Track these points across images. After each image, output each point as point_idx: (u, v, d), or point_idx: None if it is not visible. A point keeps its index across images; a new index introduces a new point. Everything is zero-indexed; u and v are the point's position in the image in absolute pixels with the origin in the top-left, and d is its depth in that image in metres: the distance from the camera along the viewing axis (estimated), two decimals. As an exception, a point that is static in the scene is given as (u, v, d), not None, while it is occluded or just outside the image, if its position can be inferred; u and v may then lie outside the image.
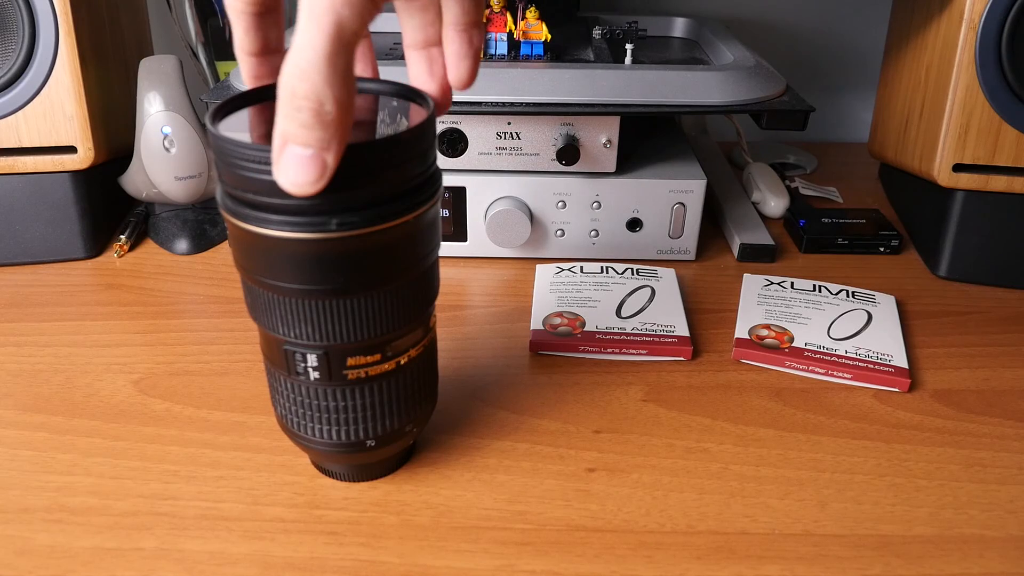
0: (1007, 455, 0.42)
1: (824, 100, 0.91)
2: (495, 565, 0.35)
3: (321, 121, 0.26)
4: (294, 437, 0.37)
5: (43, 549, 0.35)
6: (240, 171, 0.29)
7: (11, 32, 0.55)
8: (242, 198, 0.30)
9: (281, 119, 0.27)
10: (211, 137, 0.30)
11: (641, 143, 0.64)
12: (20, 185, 0.59)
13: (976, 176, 0.57)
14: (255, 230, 0.30)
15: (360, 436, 0.36)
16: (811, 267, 0.61)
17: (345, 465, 0.39)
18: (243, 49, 0.33)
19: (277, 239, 0.30)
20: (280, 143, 0.27)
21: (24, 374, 0.48)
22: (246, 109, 0.33)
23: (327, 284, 0.31)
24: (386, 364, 0.35)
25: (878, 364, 0.47)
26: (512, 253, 0.61)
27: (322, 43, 0.25)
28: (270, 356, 0.35)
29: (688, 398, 0.46)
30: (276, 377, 0.36)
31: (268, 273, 0.32)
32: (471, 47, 0.33)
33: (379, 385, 0.35)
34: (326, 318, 0.32)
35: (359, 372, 0.34)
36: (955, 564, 0.35)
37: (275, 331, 0.33)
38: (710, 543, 0.36)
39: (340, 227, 0.30)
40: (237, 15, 0.32)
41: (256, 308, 0.34)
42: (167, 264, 0.60)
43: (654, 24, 0.76)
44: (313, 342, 0.33)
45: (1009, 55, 0.54)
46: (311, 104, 0.26)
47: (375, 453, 0.37)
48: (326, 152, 0.27)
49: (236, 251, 0.33)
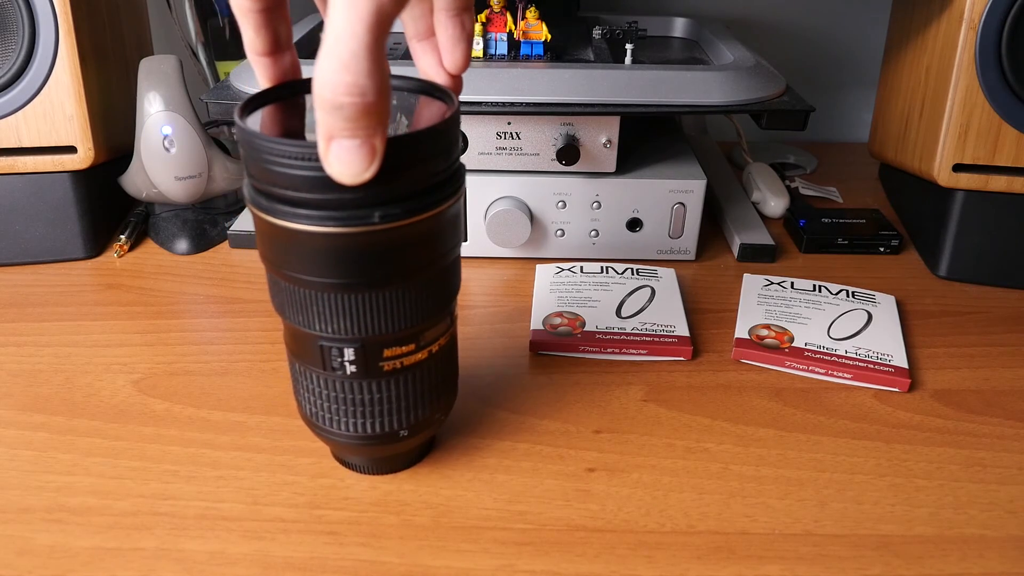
0: (1007, 455, 0.42)
1: (824, 100, 0.91)
2: (495, 565, 0.35)
3: (365, 111, 0.26)
4: (324, 432, 0.37)
5: (43, 549, 0.35)
6: (279, 168, 0.29)
7: (11, 32, 0.55)
8: (278, 195, 0.30)
9: (324, 115, 0.26)
10: (245, 135, 0.30)
11: (641, 143, 0.64)
12: (20, 185, 0.59)
13: (976, 176, 0.57)
14: (294, 227, 0.30)
15: (394, 427, 0.36)
16: (811, 267, 0.61)
17: (374, 457, 0.39)
18: (254, 50, 0.32)
19: (318, 235, 0.30)
20: (326, 138, 0.27)
21: (24, 374, 0.48)
22: (262, 109, 0.33)
23: (367, 277, 0.32)
24: (419, 354, 0.35)
25: (878, 364, 0.47)
26: (512, 253, 0.61)
27: (362, 32, 0.25)
28: (301, 353, 0.35)
29: (688, 398, 0.46)
30: (307, 374, 0.36)
31: (305, 269, 0.32)
32: (464, 31, 0.33)
33: (413, 375, 0.35)
34: (365, 311, 0.32)
35: (395, 363, 0.35)
36: (955, 564, 0.35)
37: (310, 328, 0.33)
38: (710, 543, 0.36)
39: (383, 219, 0.30)
40: (245, 15, 0.31)
41: (288, 305, 0.34)
42: (167, 264, 0.60)
43: (654, 24, 0.76)
44: (351, 336, 0.33)
45: (1009, 55, 0.54)
46: (354, 97, 0.26)
47: (406, 443, 0.38)
48: (373, 138, 0.27)
49: (268, 248, 0.33)
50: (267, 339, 0.51)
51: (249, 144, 0.30)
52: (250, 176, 0.31)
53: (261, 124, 0.32)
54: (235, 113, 0.31)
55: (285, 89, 0.34)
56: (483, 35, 0.59)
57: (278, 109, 0.34)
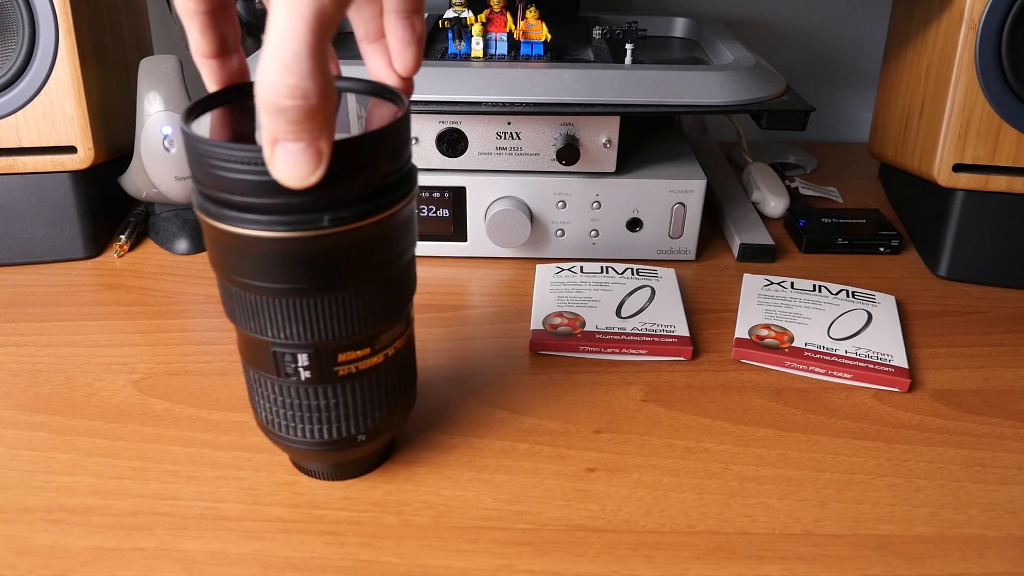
0: (1007, 455, 0.42)
1: (824, 100, 0.91)
2: (495, 565, 0.35)
3: (309, 114, 0.26)
4: (280, 439, 0.37)
5: (43, 549, 0.35)
6: (225, 173, 0.29)
7: (11, 32, 0.55)
8: (226, 200, 0.30)
9: (268, 118, 0.26)
10: (189, 140, 0.29)
11: (641, 143, 0.64)
12: (20, 185, 0.59)
13: (976, 176, 0.57)
14: (242, 232, 0.30)
15: (352, 431, 0.36)
16: (811, 267, 0.61)
17: (332, 463, 0.39)
18: (201, 52, 0.32)
19: (267, 240, 0.30)
20: (271, 142, 0.27)
21: (24, 374, 0.48)
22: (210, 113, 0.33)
23: (319, 281, 0.31)
24: (375, 357, 0.35)
25: (878, 364, 0.47)
26: (512, 253, 0.61)
27: (303, 33, 0.24)
28: (254, 360, 0.35)
29: (688, 398, 0.46)
30: (261, 381, 0.35)
31: (256, 275, 0.31)
32: (414, 33, 0.33)
33: (369, 379, 0.35)
34: (318, 316, 0.32)
35: (350, 367, 0.34)
36: (955, 564, 0.35)
37: (262, 334, 0.33)
38: (710, 543, 0.36)
39: (332, 223, 0.30)
40: (191, 16, 0.31)
41: (239, 312, 0.33)
42: (167, 264, 0.60)
43: (654, 24, 0.76)
44: (304, 341, 0.33)
45: (1009, 55, 0.54)
46: (296, 100, 0.25)
47: (363, 448, 0.37)
48: (319, 140, 0.27)
49: (217, 255, 0.32)
50: (267, 339, 0.51)
51: (194, 149, 0.29)
52: (196, 181, 0.31)
53: (210, 128, 0.31)
54: (179, 118, 0.31)
55: (233, 92, 0.33)
56: (483, 35, 0.59)
57: (226, 112, 0.33)
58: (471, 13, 0.60)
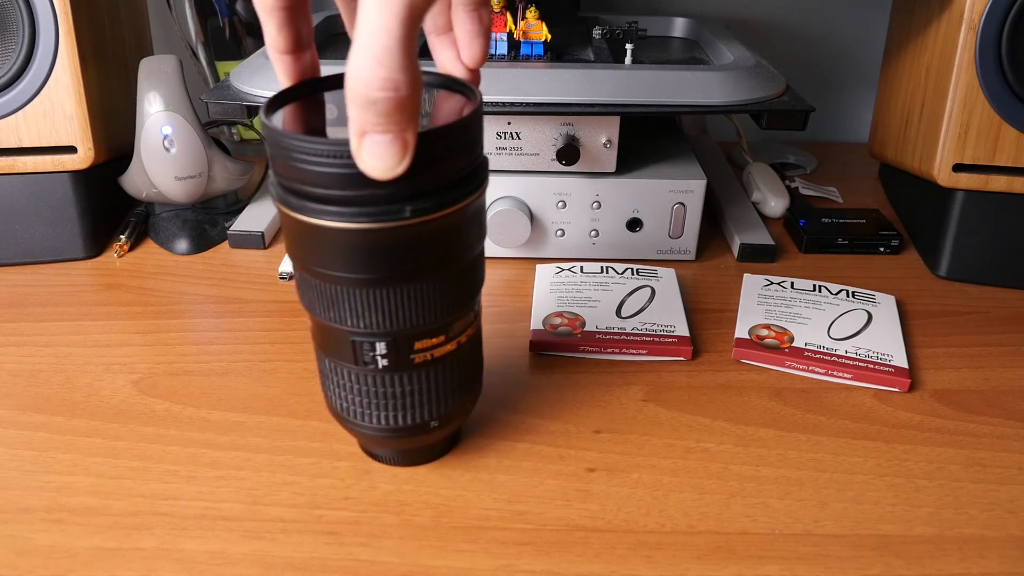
0: (1007, 455, 0.42)
1: (824, 100, 0.91)
2: (495, 565, 0.35)
3: (399, 106, 0.26)
4: (354, 426, 0.37)
5: (43, 549, 0.35)
6: (310, 166, 0.29)
7: (11, 32, 0.55)
8: (308, 192, 0.30)
9: (357, 111, 0.26)
10: (273, 135, 0.30)
11: (641, 143, 0.64)
12: (20, 185, 0.59)
13: (976, 176, 0.57)
14: (325, 224, 0.31)
15: (425, 418, 0.37)
16: (811, 267, 0.61)
17: (403, 449, 0.39)
18: (276, 48, 0.33)
19: (349, 231, 0.30)
20: (359, 134, 0.27)
21: (24, 374, 0.48)
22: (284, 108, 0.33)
23: (398, 272, 0.32)
24: (449, 345, 0.35)
25: (878, 364, 0.47)
26: (512, 253, 0.61)
27: (396, 27, 0.25)
28: (331, 348, 0.35)
29: (688, 398, 0.46)
30: (337, 369, 0.36)
31: (337, 265, 0.32)
32: (481, 25, 0.34)
33: (444, 366, 0.36)
34: (396, 305, 0.33)
35: (426, 355, 0.35)
36: (955, 564, 0.35)
37: (342, 323, 0.34)
38: (710, 543, 0.36)
39: (414, 214, 0.30)
40: (268, 12, 0.31)
41: (318, 302, 0.34)
42: (167, 264, 0.60)
43: (654, 24, 0.76)
44: (383, 330, 0.33)
45: (1009, 55, 0.54)
46: (388, 92, 0.26)
47: (436, 434, 0.38)
48: (406, 132, 0.27)
49: (297, 246, 0.33)
50: (267, 339, 0.51)
51: (278, 143, 0.30)
52: (277, 175, 0.32)
53: (283, 122, 0.32)
54: (261, 112, 0.31)
55: (306, 87, 0.34)
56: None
57: (299, 107, 0.34)
58: (471, 13, 0.59)
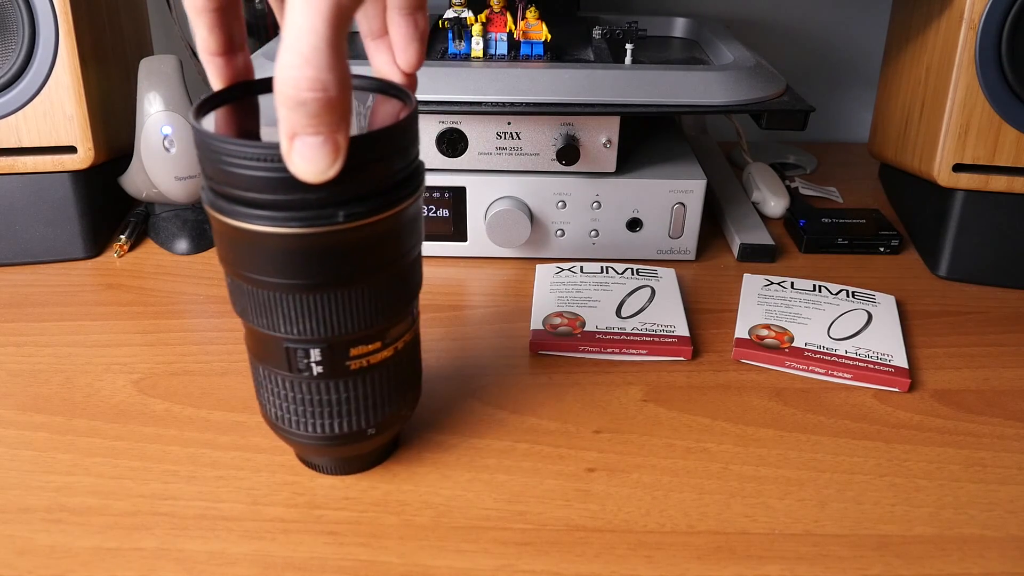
0: (1007, 455, 0.42)
1: (824, 100, 0.91)
2: (495, 565, 0.35)
3: (328, 106, 0.26)
4: (288, 435, 0.37)
5: (43, 549, 0.35)
6: (241, 170, 0.29)
7: (11, 32, 0.55)
8: (240, 197, 0.30)
9: (286, 112, 0.26)
10: (202, 138, 0.30)
11: (641, 143, 0.64)
12: (20, 185, 0.59)
13: (976, 176, 0.57)
14: (257, 229, 0.30)
15: (362, 425, 0.36)
16: (811, 267, 0.61)
17: (340, 457, 0.39)
18: (208, 50, 0.32)
19: (282, 236, 0.30)
20: (289, 136, 0.27)
21: (24, 374, 0.48)
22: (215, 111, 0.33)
23: (333, 277, 0.31)
24: (386, 351, 0.35)
25: (878, 364, 0.47)
26: (512, 253, 0.61)
27: (322, 27, 0.25)
28: (264, 356, 0.35)
29: (688, 398, 0.46)
30: (271, 377, 0.35)
31: (269, 271, 0.31)
32: (417, 29, 0.34)
33: (380, 372, 0.35)
34: (331, 311, 0.32)
35: (362, 361, 0.34)
36: (955, 564, 0.35)
37: (274, 330, 0.33)
38: (710, 543, 0.36)
39: (348, 218, 0.30)
40: (198, 14, 0.31)
41: (250, 309, 0.33)
42: (167, 264, 0.60)
43: (654, 24, 0.76)
44: (317, 336, 0.33)
45: (1009, 55, 0.54)
46: (316, 93, 0.26)
47: (373, 441, 0.38)
48: (336, 134, 0.27)
49: (229, 251, 0.32)
50: (267, 339, 0.51)
51: (207, 147, 0.29)
52: (208, 179, 0.31)
53: (216, 125, 0.31)
54: (190, 115, 0.31)
55: (239, 90, 0.34)
56: (483, 35, 0.59)
57: (231, 110, 0.33)
58: (471, 13, 0.60)
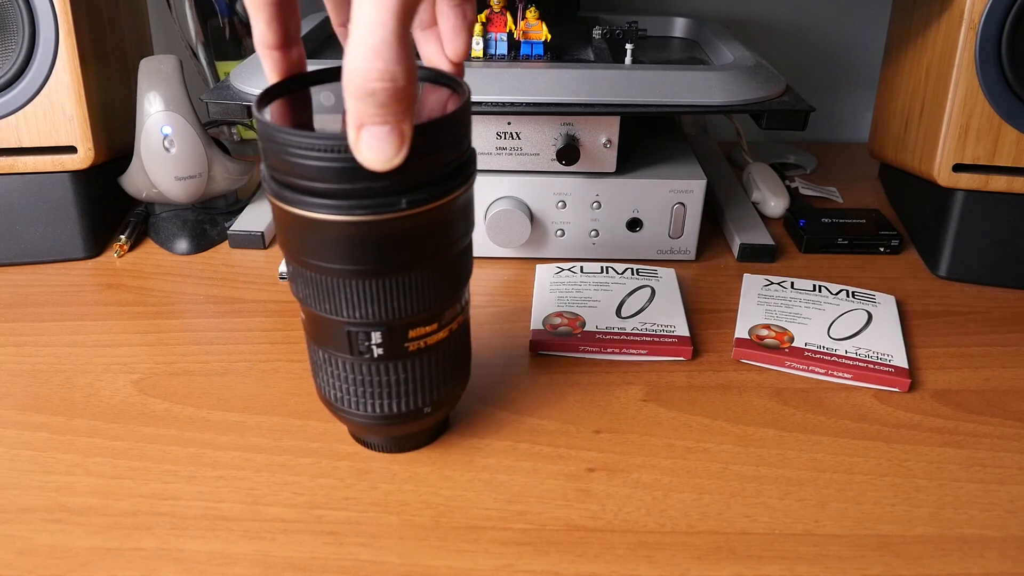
0: (1007, 455, 0.42)
1: (824, 100, 0.91)
2: (495, 565, 0.35)
3: (396, 96, 0.27)
4: (347, 414, 0.38)
5: (43, 549, 0.35)
6: (306, 161, 0.30)
7: (11, 32, 0.55)
8: (304, 187, 0.31)
9: (355, 102, 0.27)
10: (267, 130, 0.30)
11: (641, 143, 0.64)
12: (20, 185, 0.59)
13: (976, 176, 0.57)
14: (321, 217, 0.31)
15: (418, 404, 0.37)
16: (811, 267, 0.61)
17: (395, 436, 0.40)
18: (265, 44, 0.33)
19: (346, 223, 0.31)
20: (357, 126, 0.28)
21: (24, 374, 0.48)
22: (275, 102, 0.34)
23: (394, 262, 0.32)
24: (441, 332, 0.36)
25: (878, 364, 0.47)
26: (512, 253, 0.61)
27: (391, 20, 0.26)
28: (324, 340, 0.36)
29: (688, 398, 0.46)
30: (331, 360, 0.36)
31: (332, 258, 0.32)
32: (465, 20, 0.34)
33: (436, 353, 0.37)
34: (392, 295, 0.33)
35: (419, 343, 0.36)
36: (955, 564, 0.35)
37: (337, 315, 0.34)
38: (710, 543, 0.36)
39: (410, 205, 0.31)
40: (258, 8, 0.32)
41: (314, 295, 0.34)
42: (167, 264, 0.60)
43: (654, 24, 0.76)
44: (378, 319, 0.34)
45: (1009, 55, 0.54)
46: (385, 83, 0.26)
47: (428, 420, 0.39)
48: (403, 123, 0.28)
49: (291, 239, 0.33)
50: (267, 339, 0.51)
51: (273, 138, 0.30)
52: (271, 169, 0.32)
53: (272, 118, 0.32)
54: (254, 108, 0.32)
55: (294, 82, 0.35)
56: (483, 35, 0.59)
57: (286, 102, 0.34)
58: (471, 13, 0.59)
